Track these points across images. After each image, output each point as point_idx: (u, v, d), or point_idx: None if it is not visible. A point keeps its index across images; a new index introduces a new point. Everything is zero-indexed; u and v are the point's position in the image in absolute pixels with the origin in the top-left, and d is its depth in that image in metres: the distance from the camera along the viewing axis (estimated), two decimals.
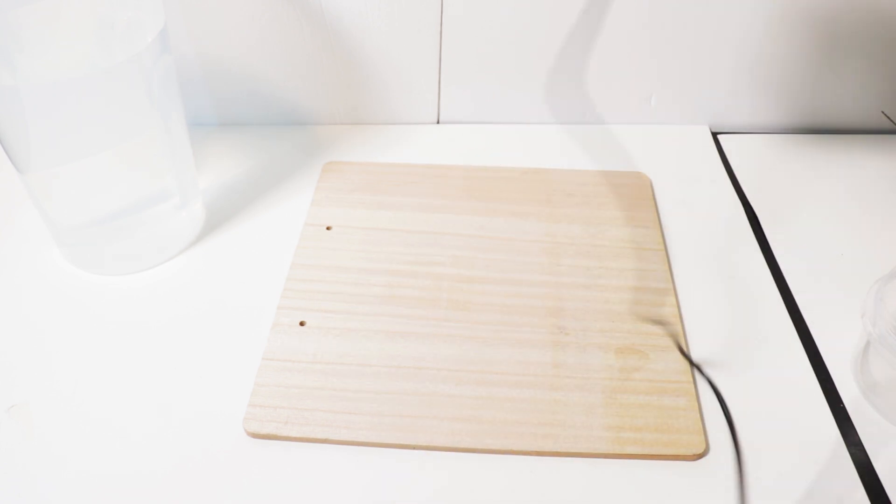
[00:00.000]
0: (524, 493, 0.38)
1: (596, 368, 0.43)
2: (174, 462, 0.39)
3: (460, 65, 0.60)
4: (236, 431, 0.40)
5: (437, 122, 0.65)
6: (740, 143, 0.63)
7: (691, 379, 0.42)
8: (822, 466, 0.38)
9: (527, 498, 0.37)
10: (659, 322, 0.46)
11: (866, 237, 0.53)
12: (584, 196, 0.55)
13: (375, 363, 0.43)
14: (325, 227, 0.53)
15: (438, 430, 0.40)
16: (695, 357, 0.44)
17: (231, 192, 0.57)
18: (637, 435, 0.39)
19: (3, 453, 0.39)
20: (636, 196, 0.56)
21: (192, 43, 0.58)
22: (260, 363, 0.43)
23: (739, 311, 0.47)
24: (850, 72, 0.61)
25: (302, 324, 0.45)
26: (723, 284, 0.49)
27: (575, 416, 0.40)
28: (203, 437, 0.40)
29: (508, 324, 0.45)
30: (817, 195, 0.57)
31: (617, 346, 0.44)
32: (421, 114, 0.64)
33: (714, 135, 0.64)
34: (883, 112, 0.63)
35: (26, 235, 0.53)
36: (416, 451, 0.39)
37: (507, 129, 0.64)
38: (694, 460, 0.39)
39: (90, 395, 0.42)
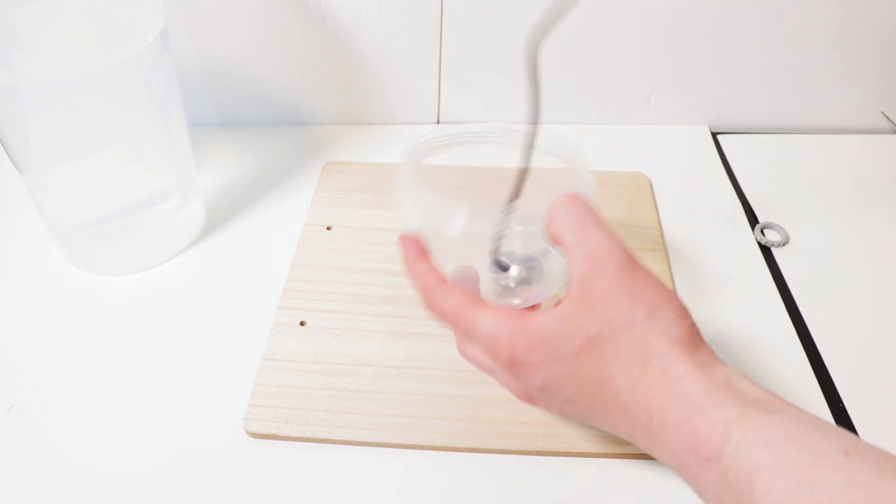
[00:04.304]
0: (524, 493, 0.38)
1: None
2: (174, 462, 0.39)
3: (460, 65, 0.60)
4: (236, 431, 0.40)
5: (437, 122, 0.65)
6: (740, 143, 0.63)
7: None
8: None
9: (527, 498, 0.37)
10: None
11: (866, 237, 0.53)
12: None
13: (375, 363, 0.43)
14: (325, 227, 0.53)
15: (438, 430, 0.40)
16: None
17: (231, 192, 0.57)
18: None
19: (3, 453, 0.39)
20: (636, 196, 0.56)
21: (192, 43, 0.58)
22: (260, 363, 0.43)
23: (739, 311, 0.47)
24: (850, 72, 0.61)
25: (302, 324, 0.45)
26: (722, 284, 0.49)
27: None
28: (203, 437, 0.40)
29: None
30: (817, 195, 0.57)
31: None
32: (421, 114, 0.64)
33: (714, 135, 0.64)
34: (883, 112, 0.63)
35: (26, 235, 0.53)
36: (416, 451, 0.39)
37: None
38: None
39: (90, 396, 0.42)
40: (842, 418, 0.41)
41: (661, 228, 0.53)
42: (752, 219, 0.55)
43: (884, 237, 0.53)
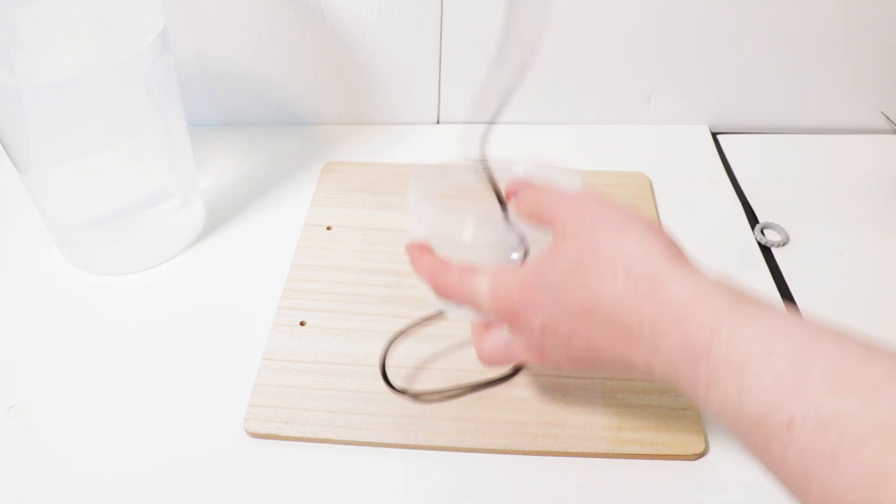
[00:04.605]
0: (524, 493, 0.38)
1: None
2: (174, 462, 0.39)
3: (460, 64, 0.60)
4: (236, 431, 0.40)
5: (437, 122, 0.65)
6: (740, 143, 0.63)
7: None
8: None
9: (527, 498, 0.37)
10: None
11: (866, 237, 0.53)
12: None
13: (375, 363, 0.43)
14: (325, 227, 0.53)
15: (438, 430, 0.40)
16: None
17: (231, 192, 0.57)
18: (637, 435, 0.39)
19: (3, 453, 0.39)
20: (636, 196, 0.56)
21: (192, 43, 0.58)
22: (260, 363, 0.43)
23: None
24: (850, 72, 0.61)
25: (302, 324, 0.45)
26: None
27: (575, 416, 0.40)
28: (203, 437, 0.40)
29: None
30: (817, 195, 0.57)
31: None
32: (421, 114, 0.64)
33: (714, 135, 0.64)
34: (882, 112, 0.63)
35: (26, 235, 0.53)
36: (416, 451, 0.39)
37: (507, 129, 0.64)
38: (694, 460, 0.39)
39: (90, 396, 0.42)
40: None
41: None
42: (752, 219, 0.55)
43: (884, 237, 0.53)
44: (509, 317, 0.32)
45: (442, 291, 0.35)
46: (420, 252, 0.36)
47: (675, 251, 0.29)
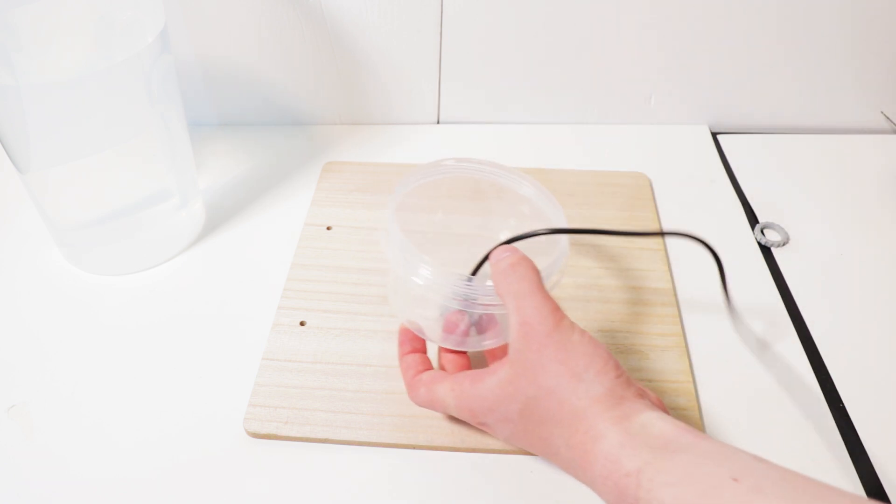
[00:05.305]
0: (524, 494, 0.38)
1: None
2: (174, 462, 0.39)
3: (460, 65, 0.60)
4: (236, 431, 0.40)
5: (437, 122, 0.65)
6: (740, 143, 0.63)
7: (691, 379, 0.42)
8: (821, 466, 0.38)
9: (527, 498, 0.37)
10: (658, 322, 0.46)
11: (866, 237, 0.53)
12: (584, 196, 0.55)
13: (375, 363, 0.43)
14: (325, 227, 0.53)
15: (438, 430, 0.40)
16: (696, 358, 0.44)
17: (231, 192, 0.57)
18: None
19: (3, 453, 0.39)
20: (636, 196, 0.56)
21: (192, 43, 0.58)
22: (260, 363, 0.43)
23: (739, 311, 0.47)
24: (850, 72, 0.61)
25: (302, 324, 0.45)
26: None
27: None
28: (203, 437, 0.40)
29: None
30: (817, 195, 0.57)
31: (617, 346, 0.44)
32: (421, 114, 0.64)
33: (714, 135, 0.64)
34: (882, 112, 0.63)
35: (26, 235, 0.53)
36: (416, 451, 0.39)
37: (507, 129, 0.64)
38: None
39: (90, 396, 0.42)
40: (842, 418, 0.41)
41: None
42: (752, 219, 0.55)
43: (884, 237, 0.53)
44: (478, 424, 0.36)
45: (415, 402, 0.38)
46: (403, 352, 0.40)
47: (617, 393, 0.31)
